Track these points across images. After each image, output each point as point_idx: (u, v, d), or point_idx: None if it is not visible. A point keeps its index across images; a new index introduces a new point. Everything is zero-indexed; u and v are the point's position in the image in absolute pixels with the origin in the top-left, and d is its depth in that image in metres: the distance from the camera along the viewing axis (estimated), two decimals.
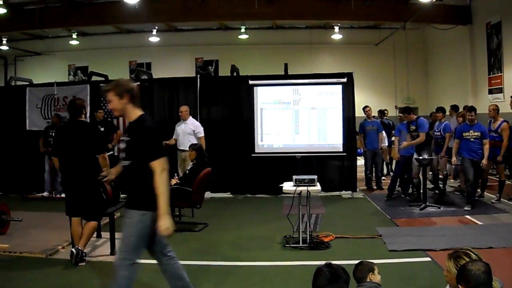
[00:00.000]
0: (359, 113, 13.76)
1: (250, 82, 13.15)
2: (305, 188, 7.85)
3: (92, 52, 25.19)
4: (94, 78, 15.06)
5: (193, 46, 24.70)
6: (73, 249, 7.19)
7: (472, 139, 10.62)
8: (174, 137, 12.19)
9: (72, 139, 7.17)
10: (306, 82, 13.18)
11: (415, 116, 11.50)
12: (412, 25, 21.37)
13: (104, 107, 13.17)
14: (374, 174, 13.74)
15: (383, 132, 14.29)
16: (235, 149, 13.14)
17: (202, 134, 12.00)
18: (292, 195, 7.97)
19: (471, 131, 10.65)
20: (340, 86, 12.88)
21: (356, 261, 4.34)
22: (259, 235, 8.84)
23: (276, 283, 6.18)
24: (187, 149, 11.56)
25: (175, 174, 11.44)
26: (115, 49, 24.99)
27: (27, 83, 15.71)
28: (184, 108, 12.11)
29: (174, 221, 9.48)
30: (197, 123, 12.18)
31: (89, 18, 20.15)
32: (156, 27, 22.60)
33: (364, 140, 13.72)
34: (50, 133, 13.23)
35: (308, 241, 7.86)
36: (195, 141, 11.69)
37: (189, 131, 11.93)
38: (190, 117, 12.17)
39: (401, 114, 12.96)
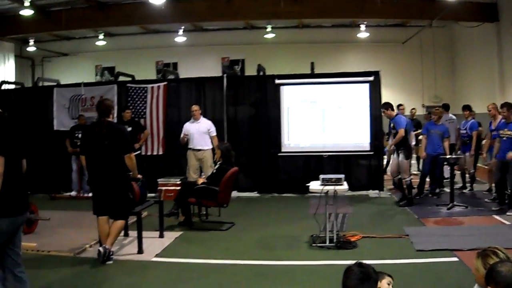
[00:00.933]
0: None
1: (277, 81, 13.14)
2: (332, 187, 7.82)
3: (118, 53, 25.35)
4: (121, 78, 15.17)
5: (219, 46, 24.69)
6: (100, 248, 7.25)
7: (505, 138, 10.18)
8: (183, 135, 12.10)
9: (99, 139, 7.22)
10: (332, 81, 13.13)
11: (395, 113, 11.42)
12: (439, 23, 21.09)
13: (131, 107, 13.27)
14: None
15: (412, 131, 14.13)
16: (262, 148, 13.14)
17: (215, 133, 11.98)
18: (319, 194, 7.94)
19: (506, 130, 10.20)
20: (367, 85, 12.82)
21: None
22: (286, 235, 8.83)
23: (303, 282, 6.16)
24: (203, 148, 11.63)
25: (202, 173, 11.49)
26: (142, 50, 25.09)
27: (55, 83, 15.90)
28: (196, 108, 12.07)
29: (201, 220, 9.61)
30: (210, 122, 12.13)
31: (116, 19, 20.28)
32: (183, 27, 22.64)
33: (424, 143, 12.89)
34: (76, 134, 13.41)
35: (335, 240, 7.82)
36: (209, 141, 11.80)
37: (204, 130, 11.90)
38: (202, 117, 12.18)
39: (428, 113, 12.79)
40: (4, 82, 17.02)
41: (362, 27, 22.01)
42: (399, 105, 13.88)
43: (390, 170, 11.73)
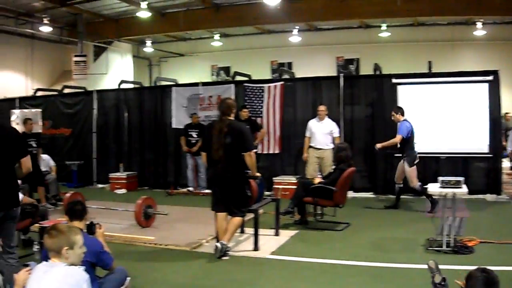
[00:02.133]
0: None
1: (393, 80, 12.94)
2: (451, 190, 7.62)
3: (234, 53, 25.83)
4: (238, 78, 15.47)
5: (333, 45, 24.56)
6: (217, 244, 7.43)
7: None
8: (307, 135, 12.27)
9: (220, 137, 7.41)
10: (450, 81, 12.74)
11: (402, 119, 11.11)
12: None
13: (248, 106, 13.50)
14: None
15: None
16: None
17: (338, 134, 12.10)
18: (437, 197, 7.75)
19: None
20: (485, 85, 12.36)
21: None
22: (401, 237, 8.68)
23: (419, 286, 6.04)
24: (324, 148, 11.68)
25: (319, 172, 11.52)
26: (257, 50, 25.42)
27: (173, 83, 16.45)
28: (323, 108, 12.18)
29: (316, 219, 9.63)
30: (334, 123, 12.22)
31: (231, 20, 20.73)
32: (297, 27, 22.75)
33: None
34: (189, 132, 13.84)
35: (451, 244, 7.62)
36: (330, 141, 11.89)
37: (327, 131, 12.02)
38: (327, 117, 12.21)
39: None
40: (123, 81, 17.81)
41: (479, 24, 21.22)
42: (506, 113, 13.32)
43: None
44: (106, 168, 16.09)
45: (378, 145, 11.14)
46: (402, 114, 11.21)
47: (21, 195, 7.91)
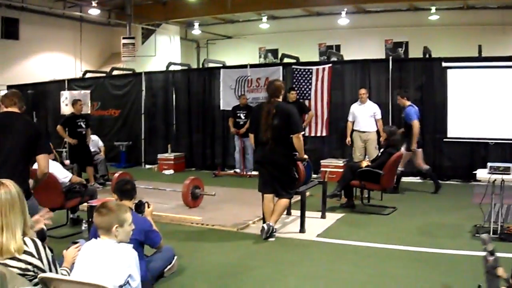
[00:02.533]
0: None
1: (443, 64, 12.72)
2: (500, 176, 7.48)
3: (282, 35, 25.72)
4: (286, 60, 15.41)
5: (382, 28, 24.21)
6: (264, 225, 7.48)
7: None
8: (350, 119, 12.28)
9: (268, 119, 7.41)
10: (500, 65, 12.40)
11: (408, 103, 11.04)
12: None
13: (296, 89, 13.46)
14: None
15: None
16: (427, 133, 12.77)
17: (379, 116, 12.07)
18: (485, 183, 7.62)
19: None
20: None
21: None
22: (448, 223, 8.57)
23: (465, 272, 5.95)
24: (368, 130, 11.63)
25: (366, 156, 11.46)
26: (305, 32, 25.24)
27: (221, 65, 16.51)
28: (364, 91, 12.16)
29: (363, 203, 9.59)
30: (375, 105, 12.18)
31: (279, 2, 20.68)
32: (345, 9, 22.55)
33: None
34: (237, 114, 13.89)
35: (498, 232, 7.50)
36: (374, 123, 11.85)
37: (370, 113, 12.00)
38: (368, 100, 12.14)
39: None
40: (171, 63, 17.92)
41: None
42: None
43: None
44: (154, 149, 16.31)
45: (413, 147, 11.05)
46: (408, 99, 11.23)
47: (70, 174, 8.13)
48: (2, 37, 21.08)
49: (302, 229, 7.85)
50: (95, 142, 13.26)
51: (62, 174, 7.91)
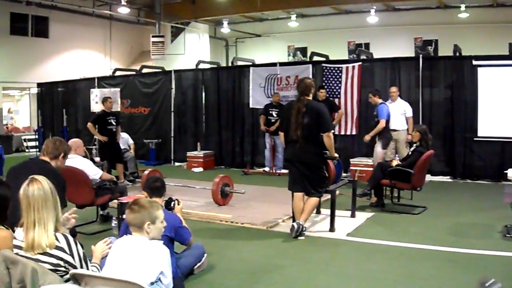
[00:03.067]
0: None
1: (474, 62, 12.56)
2: None
3: (310, 34, 25.71)
4: (315, 58, 15.35)
5: (411, 26, 24.06)
6: (293, 223, 7.45)
7: None
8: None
9: (299, 117, 7.38)
10: None
11: (380, 101, 10.83)
12: None
13: (326, 87, 13.41)
14: None
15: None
16: (457, 132, 12.65)
17: (410, 114, 11.86)
18: None
19: None
20: None
21: None
22: (479, 223, 8.47)
23: (495, 273, 5.85)
24: (398, 129, 11.52)
25: (396, 155, 11.36)
26: (334, 30, 25.21)
27: (250, 63, 16.50)
28: (394, 89, 12.00)
29: (393, 202, 9.51)
30: (406, 103, 12.01)
31: (308, 0, 20.60)
32: (374, 7, 22.44)
33: None
34: (269, 111, 13.86)
35: None
36: (405, 122, 11.70)
37: (401, 111, 11.82)
38: (399, 98, 12.02)
39: None
40: (200, 61, 17.94)
41: None
42: None
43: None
44: (184, 147, 16.41)
45: (367, 137, 11.06)
46: (380, 97, 11.13)
47: (100, 171, 8.17)
48: (32, 35, 21.39)
49: (332, 228, 7.81)
50: (125, 139, 13.35)
51: (92, 171, 7.94)
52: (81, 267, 3.63)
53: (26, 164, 5.65)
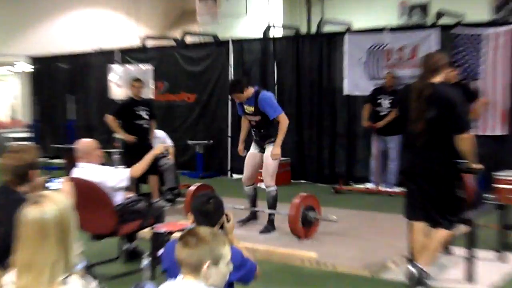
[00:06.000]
0: None
1: None
2: None
3: None
4: (443, 20, 15.13)
5: None
6: (411, 267, 7.33)
7: None
8: None
9: (420, 109, 7.22)
10: None
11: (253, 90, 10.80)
12: None
13: (458, 64, 13.13)
14: None
15: None
16: None
17: None
18: None
19: None
20: None
21: None
22: None
23: None
24: None
25: None
26: None
27: (345, 28, 16.24)
28: None
29: None
30: None
31: None
32: None
33: None
34: (378, 100, 13.74)
35: None
36: None
37: None
38: None
39: None
40: (271, 26, 17.82)
41: None
42: None
43: None
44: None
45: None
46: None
47: (126, 171, 8.10)
48: None
49: (470, 277, 7.70)
50: (161, 140, 13.37)
51: (114, 178, 7.83)
52: None
53: None
